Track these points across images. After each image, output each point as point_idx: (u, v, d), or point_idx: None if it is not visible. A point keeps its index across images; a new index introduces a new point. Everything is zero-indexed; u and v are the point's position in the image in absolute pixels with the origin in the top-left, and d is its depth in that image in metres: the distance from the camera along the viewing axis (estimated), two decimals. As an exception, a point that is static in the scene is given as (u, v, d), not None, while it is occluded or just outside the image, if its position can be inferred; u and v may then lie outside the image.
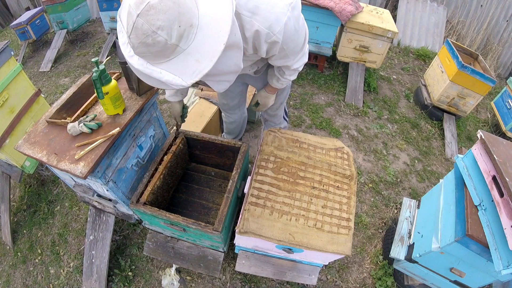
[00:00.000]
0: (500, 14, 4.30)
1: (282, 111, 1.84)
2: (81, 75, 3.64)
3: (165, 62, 0.78)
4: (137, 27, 0.72)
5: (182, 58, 0.77)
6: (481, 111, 3.51)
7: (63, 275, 1.88)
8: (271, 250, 1.49)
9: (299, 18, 1.03)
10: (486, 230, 1.19)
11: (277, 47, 1.02)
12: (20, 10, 5.71)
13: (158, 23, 0.70)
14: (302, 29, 1.09)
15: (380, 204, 2.26)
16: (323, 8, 2.79)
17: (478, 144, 1.39)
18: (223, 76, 0.95)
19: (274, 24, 0.94)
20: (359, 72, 3.16)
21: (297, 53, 1.16)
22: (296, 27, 1.02)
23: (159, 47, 0.74)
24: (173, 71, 0.79)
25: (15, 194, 2.38)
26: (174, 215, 1.32)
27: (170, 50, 0.75)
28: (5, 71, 1.87)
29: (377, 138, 2.78)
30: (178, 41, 0.74)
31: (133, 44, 0.75)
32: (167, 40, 0.72)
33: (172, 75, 0.79)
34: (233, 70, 0.94)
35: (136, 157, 1.55)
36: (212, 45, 0.77)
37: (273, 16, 0.93)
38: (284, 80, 1.35)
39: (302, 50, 1.18)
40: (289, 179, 1.37)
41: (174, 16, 0.71)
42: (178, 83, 0.79)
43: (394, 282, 1.83)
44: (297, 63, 1.22)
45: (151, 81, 0.85)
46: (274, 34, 0.96)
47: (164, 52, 0.75)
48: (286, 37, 1.00)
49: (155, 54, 0.76)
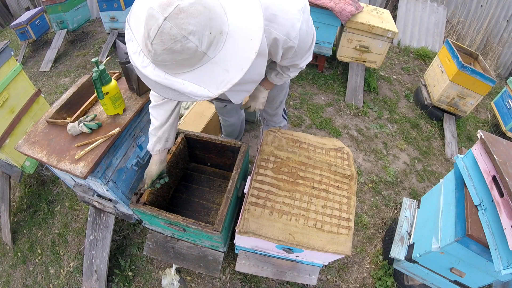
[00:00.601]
0: (500, 14, 4.30)
1: (282, 110, 1.83)
2: (81, 75, 3.64)
3: (188, 72, 0.72)
4: (163, 31, 0.65)
5: (209, 67, 0.72)
6: (481, 111, 3.51)
7: (63, 275, 1.88)
8: (271, 250, 1.49)
9: (309, 20, 1.05)
10: (486, 230, 1.19)
11: (292, 51, 1.03)
12: (20, 10, 5.71)
13: (190, 27, 0.65)
14: (311, 30, 1.10)
15: (380, 204, 2.26)
16: (323, 8, 2.78)
17: (478, 144, 1.39)
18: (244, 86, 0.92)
19: (291, 30, 0.94)
20: (359, 72, 3.16)
21: (305, 52, 1.17)
22: (307, 30, 1.03)
23: (188, 54, 0.68)
24: (197, 81, 0.72)
25: (15, 194, 2.38)
26: (174, 215, 1.32)
27: (198, 58, 0.70)
28: (5, 71, 1.87)
29: (377, 138, 2.78)
30: (207, 49, 0.69)
31: (156, 51, 0.68)
32: (197, 46, 0.67)
33: (197, 86, 0.73)
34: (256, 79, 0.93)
35: (136, 157, 1.55)
36: (243, 53, 0.73)
37: (289, 22, 0.93)
38: (285, 77, 1.35)
39: (309, 50, 1.19)
40: (289, 179, 1.37)
41: (205, 21, 0.66)
42: (203, 94, 0.73)
43: (394, 282, 1.83)
44: (304, 61, 1.23)
45: (168, 93, 0.78)
46: (290, 40, 0.96)
47: (190, 60, 0.70)
48: (300, 41, 1.01)
49: (180, 62, 0.70)
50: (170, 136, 1.30)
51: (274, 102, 1.68)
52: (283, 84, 1.57)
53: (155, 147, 1.29)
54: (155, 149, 1.30)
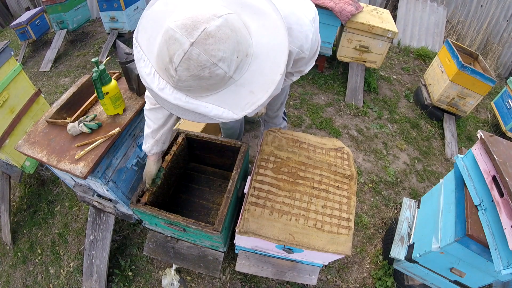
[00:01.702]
0: (500, 14, 4.30)
1: (282, 112, 1.83)
2: (81, 75, 3.64)
3: (211, 95, 0.69)
4: (190, 57, 0.61)
5: (233, 89, 0.70)
6: (481, 111, 3.51)
7: (63, 275, 1.88)
8: (271, 250, 1.49)
9: (317, 29, 1.05)
10: (486, 230, 1.19)
11: (303, 61, 1.07)
12: (20, 10, 5.71)
13: (220, 54, 0.62)
14: (318, 38, 1.11)
15: (380, 204, 2.26)
16: (323, 8, 2.78)
17: (478, 144, 1.39)
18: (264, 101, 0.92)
19: (304, 42, 0.95)
20: (359, 72, 3.16)
21: (310, 59, 1.17)
22: (316, 38, 1.05)
23: (215, 80, 0.65)
24: (221, 103, 0.70)
25: (15, 194, 2.38)
26: (174, 215, 1.32)
27: (223, 82, 0.67)
28: (5, 71, 1.87)
29: (377, 138, 2.78)
30: (234, 73, 0.67)
31: (180, 77, 0.64)
32: (226, 72, 0.65)
33: (222, 108, 0.70)
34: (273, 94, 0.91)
35: (136, 157, 1.55)
36: (268, 75, 0.70)
37: (303, 35, 0.93)
38: (287, 81, 1.34)
39: (314, 56, 1.19)
40: (289, 179, 1.37)
41: (233, 45, 0.64)
42: (228, 117, 0.71)
43: (394, 282, 1.82)
44: (308, 67, 1.24)
45: (188, 115, 0.74)
46: (303, 52, 0.97)
47: (216, 85, 0.67)
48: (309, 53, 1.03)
49: (205, 88, 0.67)
50: (168, 138, 1.30)
51: (275, 104, 1.68)
52: (285, 87, 1.57)
53: (152, 149, 1.29)
54: (152, 151, 1.30)
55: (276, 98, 1.63)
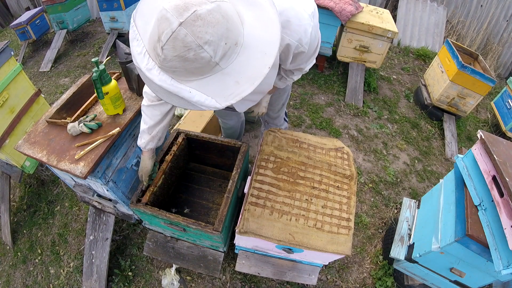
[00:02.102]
0: (500, 14, 4.30)
1: (283, 113, 1.82)
2: (81, 75, 3.64)
3: (196, 80, 0.69)
4: (177, 37, 0.62)
5: (219, 77, 0.69)
6: (481, 111, 3.51)
7: (63, 275, 1.88)
8: (271, 250, 1.49)
9: (317, 25, 1.05)
10: (486, 230, 1.19)
11: (302, 56, 1.04)
12: (20, 10, 5.71)
13: (207, 37, 0.62)
14: (318, 34, 1.10)
15: (380, 204, 2.26)
16: (323, 8, 2.78)
17: (478, 144, 1.39)
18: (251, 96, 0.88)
19: (303, 36, 0.94)
20: (359, 72, 3.16)
21: (310, 56, 1.16)
22: (316, 34, 1.04)
23: (200, 63, 0.65)
24: (205, 91, 0.70)
25: (15, 194, 2.38)
26: (174, 215, 1.32)
27: (209, 68, 0.67)
28: (5, 71, 1.88)
29: (377, 138, 2.78)
30: (220, 59, 0.67)
31: (165, 57, 0.65)
32: (211, 57, 0.65)
33: (205, 96, 0.70)
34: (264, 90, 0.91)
35: (136, 157, 1.55)
36: (256, 67, 0.70)
37: (302, 28, 0.93)
38: (288, 80, 1.34)
39: (315, 53, 1.18)
40: (289, 179, 1.37)
41: (222, 31, 0.64)
42: (211, 105, 0.70)
43: (394, 282, 1.82)
44: (309, 65, 1.23)
45: (172, 99, 0.75)
46: (302, 46, 0.96)
47: (201, 69, 0.67)
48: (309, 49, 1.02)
49: (190, 70, 0.67)
50: (163, 135, 1.33)
51: (276, 104, 1.67)
52: (286, 87, 1.56)
53: (147, 145, 1.30)
54: (148, 147, 1.32)
55: (277, 98, 1.63)
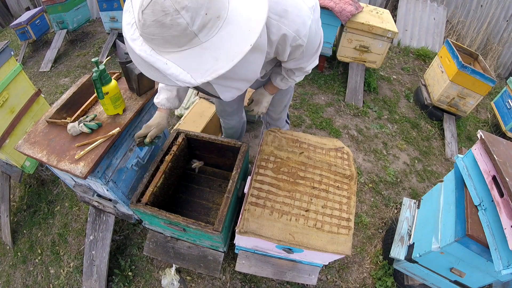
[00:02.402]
0: (500, 14, 4.30)
1: (285, 115, 1.80)
2: (81, 75, 3.64)
3: (174, 53, 0.67)
4: (157, 1, 0.61)
5: (198, 52, 0.66)
6: (481, 111, 3.51)
7: (63, 275, 1.88)
8: (271, 250, 1.49)
9: (318, 21, 1.03)
10: (486, 230, 1.19)
11: (300, 50, 1.01)
12: (20, 10, 5.71)
13: (185, 2, 0.61)
14: (320, 31, 1.08)
15: (380, 204, 2.26)
16: (323, 8, 2.78)
17: (478, 144, 1.39)
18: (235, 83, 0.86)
19: (301, 27, 0.92)
20: (359, 72, 3.16)
21: (312, 54, 1.14)
22: (316, 30, 1.02)
23: (176, 31, 0.63)
24: (182, 64, 0.67)
25: (15, 194, 2.38)
26: (174, 215, 1.32)
27: (187, 38, 0.65)
28: (5, 71, 1.87)
29: (377, 138, 2.78)
30: (199, 31, 0.64)
31: (145, 22, 0.63)
32: (188, 24, 0.62)
33: (180, 69, 0.67)
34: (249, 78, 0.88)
35: (136, 157, 1.55)
36: (238, 44, 0.67)
37: (300, 19, 0.91)
38: (290, 81, 1.32)
39: (316, 52, 1.16)
40: (289, 179, 1.37)
41: (203, 1, 0.62)
42: (185, 80, 0.68)
43: (394, 282, 1.82)
44: (311, 64, 1.20)
45: (151, 73, 0.74)
46: (300, 38, 0.94)
47: (179, 39, 0.65)
48: (308, 41, 0.99)
49: (167, 39, 0.65)
50: (183, 95, 1.33)
51: (278, 106, 1.66)
52: (288, 88, 1.55)
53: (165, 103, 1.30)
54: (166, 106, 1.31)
55: (279, 99, 1.61)
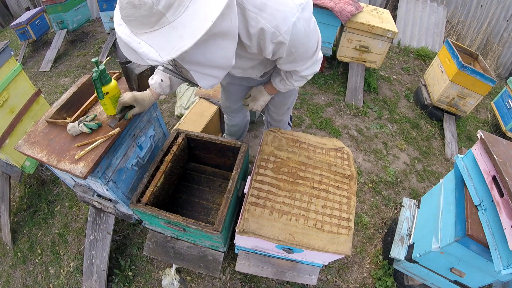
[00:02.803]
0: (500, 14, 4.30)
1: (288, 117, 1.78)
2: (81, 75, 3.64)
3: (147, 33, 0.72)
4: None
5: (167, 31, 0.71)
6: (481, 111, 3.51)
7: (63, 275, 1.88)
8: (271, 250, 1.49)
9: (310, 21, 0.98)
10: (486, 230, 1.19)
11: (284, 49, 0.97)
12: (20, 10, 5.71)
13: None
14: (313, 33, 1.02)
15: (380, 204, 2.26)
16: (323, 8, 2.78)
17: (478, 144, 1.39)
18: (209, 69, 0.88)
19: (281, 23, 0.88)
20: (359, 72, 3.16)
21: (307, 58, 1.09)
22: (307, 30, 0.96)
23: (145, 10, 0.67)
24: (152, 43, 0.72)
25: (15, 194, 2.38)
26: (174, 215, 1.32)
27: (155, 18, 0.69)
28: (5, 71, 1.87)
29: (377, 138, 2.78)
30: (166, 10, 0.68)
31: (122, 4, 0.69)
32: (153, 4, 0.66)
33: (150, 48, 0.72)
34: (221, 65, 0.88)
35: (136, 157, 1.55)
36: (200, 21, 0.70)
37: (280, 14, 0.88)
38: (288, 84, 1.29)
39: (313, 57, 1.11)
40: (289, 179, 1.37)
41: None
42: (153, 58, 0.72)
43: (394, 282, 1.83)
44: (307, 70, 1.15)
45: (130, 55, 0.80)
46: (280, 34, 0.90)
47: (148, 19, 0.69)
48: (294, 40, 0.95)
49: (140, 20, 0.70)
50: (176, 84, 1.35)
51: (280, 107, 1.65)
52: (292, 90, 1.54)
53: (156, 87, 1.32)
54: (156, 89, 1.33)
55: (282, 101, 1.60)
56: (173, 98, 3.02)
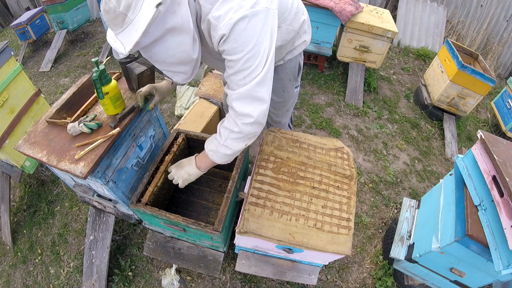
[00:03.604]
0: (500, 14, 4.30)
1: (287, 119, 1.76)
2: (81, 75, 3.64)
3: (121, 32, 0.84)
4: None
5: (130, 28, 0.82)
6: (481, 111, 3.52)
7: (63, 275, 1.88)
8: (271, 250, 1.49)
9: (263, 29, 0.92)
10: (486, 230, 1.19)
11: (225, 46, 0.92)
12: (20, 10, 5.71)
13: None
14: (261, 43, 0.92)
15: (380, 204, 2.26)
16: (323, 8, 2.79)
17: (478, 144, 1.39)
18: (176, 67, 0.96)
19: (223, 15, 0.87)
20: (359, 72, 3.17)
21: (244, 77, 0.95)
22: (253, 34, 0.90)
23: (112, 14, 0.81)
24: (122, 40, 0.85)
25: (15, 194, 2.38)
26: (174, 215, 1.32)
27: (121, 18, 0.81)
28: (5, 71, 1.87)
29: (377, 138, 2.78)
30: (127, 10, 0.80)
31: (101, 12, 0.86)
32: (115, 7, 0.79)
33: (120, 43, 0.85)
34: (184, 59, 0.93)
35: (136, 157, 1.55)
36: (147, 14, 0.79)
37: (226, 7, 0.87)
38: (219, 139, 1.09)
39: (254, 81, 0.95)
40: (289, 179, 1.37)
41: None
42: (120, 51, 0.85)
43: (394, 282, 1.83)
44: (240, 101, 0.98)
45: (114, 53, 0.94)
46: (220, 28, 0.88)
47: (116, 20, 0.82)
48: (234, 39, 0.89)
49: (112, 22, 0.83)
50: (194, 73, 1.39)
51: (279, 109, 1.63)
52: (291, 92, 1.52)
53: None
54: None
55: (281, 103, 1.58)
56: (173, 98, 3.02)
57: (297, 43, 1.36)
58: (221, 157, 1.15)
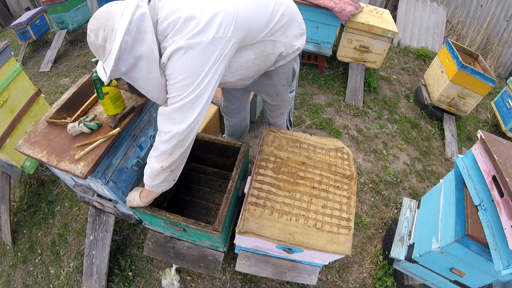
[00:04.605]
0: (500, 14, 4.30)
1: (283, 121, 1.76)
2: (81, 75, 3.64)
3: (104, 62, 0.95)
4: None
5: (109, 57, 0.92)
6: (481, 111, 3.51)
7: (63, 275, 1.88)
8: (271, 250, 1.49)
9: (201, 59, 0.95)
10: (486, 230, 1.19)
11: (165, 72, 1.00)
12: (20, 10, 5.71)
13: (91, 27, 0.92)
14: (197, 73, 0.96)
15: (380, 204, 2.26)
16: (323, 8, 2.78)
17: (478, 144, 1.39)
18: (154, 92, 1.03)
19: (167, 46, 0.96)
20: (359, 72, 3.16)
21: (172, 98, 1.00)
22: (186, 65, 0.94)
23: (93, 46, 0.94)
24: (105, 67, 0.95)
25: (15, 194, 2.38)
26: (174, 215, 1.32)
27: (101, 50, 0.93)
28: (5, 71, 1.87)
29: (377, 138, 2.78)
30: (104, 42, 0.91)
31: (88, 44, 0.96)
32: (95, 40, 0.92)
33: (103, 71, 0.96)
34: (158, 85, 1.00)
35: (136, 157, 1.55)
36: (116, 44, 0.89)
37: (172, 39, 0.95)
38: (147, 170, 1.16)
39: (176, 104, 0.99)
40: (289, 179, 1.37)
41: (102, 22, 0.90)
42: (104, 78, 0.96)
43: (394, 282, 1.83)
44: (161, 117, 1.03)
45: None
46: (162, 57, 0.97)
47: (98, 51, 0.94)
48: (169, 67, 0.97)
49: (96, 53, 0.96)
50: None
51: (274, 111, 1.64)
52: (285, 97, 1.52)
53: None
54: None
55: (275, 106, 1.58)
56: (173, 98, 3.01)
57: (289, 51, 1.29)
58: (145, 180, 1.20)
